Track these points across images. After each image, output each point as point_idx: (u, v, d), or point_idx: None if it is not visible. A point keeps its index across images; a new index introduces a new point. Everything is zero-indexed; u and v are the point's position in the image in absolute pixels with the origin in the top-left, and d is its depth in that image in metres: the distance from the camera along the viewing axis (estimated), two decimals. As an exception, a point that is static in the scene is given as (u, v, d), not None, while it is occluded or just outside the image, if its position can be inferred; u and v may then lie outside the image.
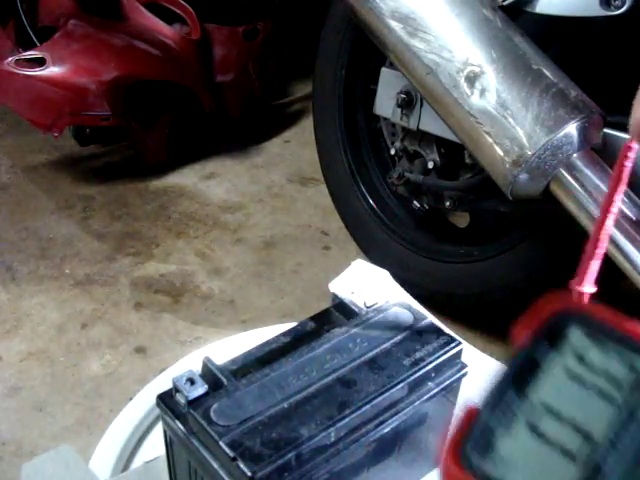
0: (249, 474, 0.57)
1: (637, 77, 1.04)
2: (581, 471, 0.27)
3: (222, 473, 0.59)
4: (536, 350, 0.30)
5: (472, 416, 0.29)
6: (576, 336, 0.30)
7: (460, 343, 0.72)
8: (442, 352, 0.70)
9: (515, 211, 1.18)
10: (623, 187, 0.34)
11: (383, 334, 0.72)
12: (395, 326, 0.73)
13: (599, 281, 0.44)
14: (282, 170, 1.92)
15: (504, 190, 0.95)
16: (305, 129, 2.06)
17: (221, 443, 0.59)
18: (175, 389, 0.64)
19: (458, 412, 0.25)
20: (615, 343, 0.29)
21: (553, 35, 1.07)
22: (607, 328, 0.29)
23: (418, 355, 0.69)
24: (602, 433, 0.27)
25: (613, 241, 0.87)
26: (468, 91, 0.94)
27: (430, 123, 1.21)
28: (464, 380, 0.72)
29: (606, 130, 0.95)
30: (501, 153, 0.92)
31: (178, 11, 1.88)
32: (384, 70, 1.30)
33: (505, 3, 1.00)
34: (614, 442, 0.27)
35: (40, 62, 1.64)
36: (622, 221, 0.86)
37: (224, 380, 0.66)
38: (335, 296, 0.78)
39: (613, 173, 0.30)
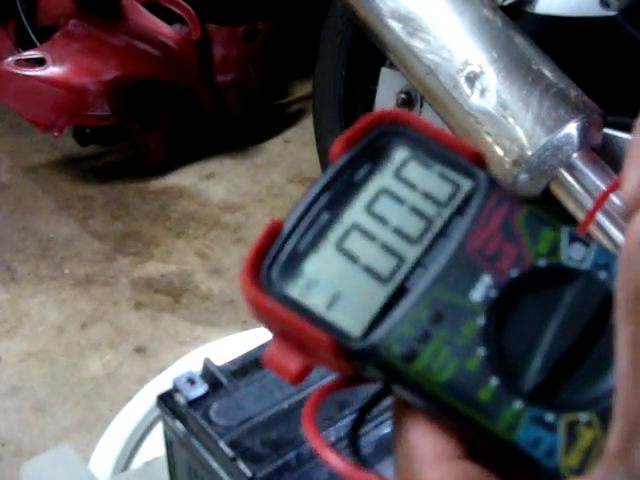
0: (249, 474, 0.57)
1: (637, 77, 1.04)
2: (385, 289, 0.26)
3: (222, 473, 0.59)
4: (353, 167, 0.27)
5: (274, 233, 0.27)
6: (396, 152, 0.28)
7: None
8: (442, 352, 0.70)
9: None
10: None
11: (383, 334, 0.72)
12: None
13: None
14: (282, 170, 1.92)
15: (504, 190, 0.95)
16: (305, 129, 2.06)
17: (221, 443, 0.59)
18: (175, 389, 0.64)
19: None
20: (437, 159, 0.27)
21: (553, 35, 1.07)
22: (430, 143, 0.28)
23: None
24: (410, 251, 0.26)
25: (613, 241, 0.87)
26: (468, 91, 0.94)
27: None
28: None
29: (606, 130, 0.95)
30: (501, 153, 0.92)
31: (178, 11, 1.88)
32: (384, 70, 1.30)
33: (505, 3, 1.00)
34: (421, 260, 0.26)
35: (40, 62, 1.64)
36: (622, 221, 0.86)
37: (224, 380, 0.66)
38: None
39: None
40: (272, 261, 0.27)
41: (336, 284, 0.26)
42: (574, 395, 0.24)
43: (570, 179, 0.90)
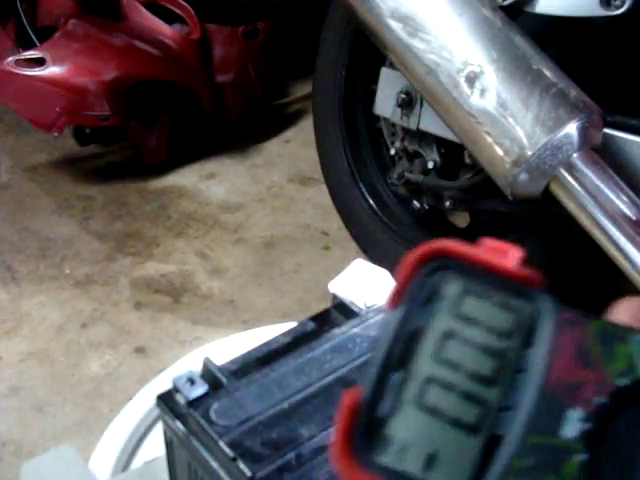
0: (249, 474, 0.57)
1: (637, 77, 1.04)
2: (478, 440, 0.25)
3: (222, 473, 0.59)
4: (411, 316, 0.27)
5: (356, 402, 0.26)
6: (450, 288, 0.27)
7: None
8: (442, 352, 0.70)
9: (515, 211, 1.18)
10: None
11: (383, 334, 0.72)
12: (395, 326, 0.73)
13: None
14: (282, 170, 1.91)
15: (504, 190, 0.96)
16: (305, 129, 2.06)
17: (221, 443, 0.59)
18: (175, 389, 0.64)
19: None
20: (491, 288, 0.27)
21: (553, 35, 1.07)
22: (480, 272, 0.27)
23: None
24: (491, 394, 0.26)
25: (613, 241, 0.87)
26: (468, 91, 0.94)
27: (430, 123, 1.21)
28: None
29: (606, 130, 0.95)
30: (501, 153, 0.92)
31: (178, 11, 1.88)
32: (384, 70, 1.30)
33: (505, 3, 1.00)
34: (504, 401, 0.25)
35: (40, 62, 1.64)
36: (622, 221, 0.86)
37: (224, 380, 0.66)
38: (335, 296, 0.78)
39: None
40: (360, 432, 0.26)
41: (427, 444, 0.25)
42: None
43: (570, 179, 0.90)
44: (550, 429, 0.25)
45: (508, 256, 0.28)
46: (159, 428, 0.76)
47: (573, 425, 0.25)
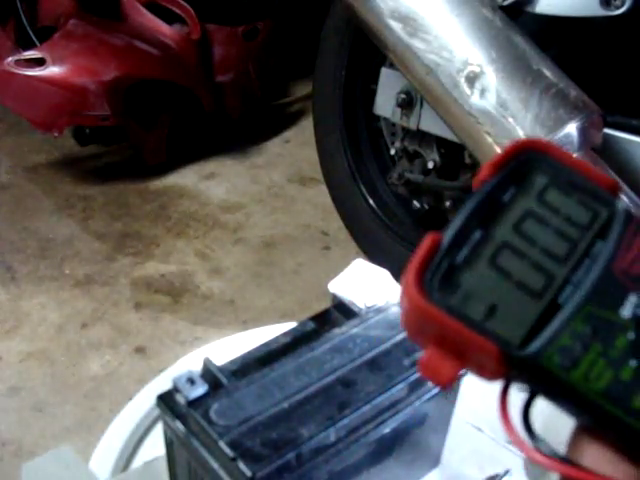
0: (249, 474, 0.57)
1: (637, 77, 1.04)
2: (539, 304, 0.28)
3: (222, 473, 0.59)
4: (500, 189, 0.30)
5: (434, 246, 0.29)
6: (540, 178, 0.30)
7: (460, 343, 0.72)
8: (442, 352, 0.70)
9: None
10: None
11: (383, 334, 0.72)
12: (395, 326, 0.73)
13: None
14: (282, 170, 1.92)
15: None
16: (305, 129, 2.06)
17: (221, 443, 0.59)
18: (175, 389, 0.64)
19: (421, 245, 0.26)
20: (576, 186, 0.30)
21: (553, 35, 1.07)
22: (569, 171, 0.30)
23: (418, 355, 0.69)
24: (559, 269, 0.29)
25: None
26: (468, 91, 0.94)
27: (430, 123, 1.21)
28: (464, 380, 0.72)
29: (606, 130, 0.95)
30: (501, 153, 0.92)
31: (178, 11, 1.88)
32: (384, 70, 1.30)
33: (505, 3, 1.00)
34: (570, 278, 0.29)
35: (40, 62, 1.64)
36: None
37: (224, 380, 0.66)
38: (335, 296, 0.78)
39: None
40: (432, 273, 0.29)
41: (492, 297, 0.28)
42: None
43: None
44: (611, 305, 0.28)
45: (592, 166, 0.32)
46: (159, 428, 0.76)
47: (631, 308, 0.28)
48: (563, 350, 0.27)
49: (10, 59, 1.63)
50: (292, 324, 0.76)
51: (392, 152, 1.35)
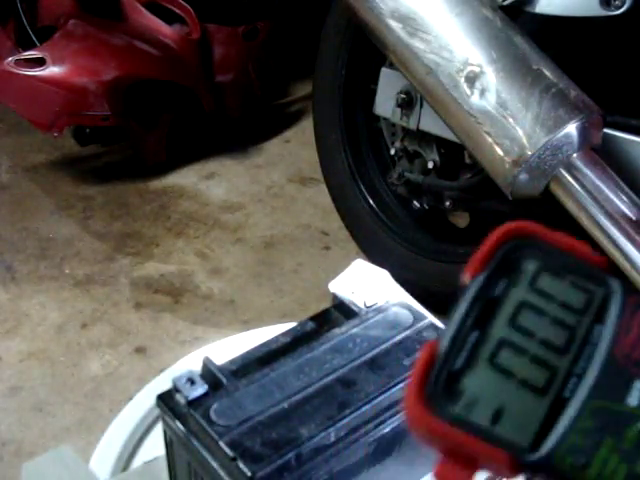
0: (249, 474, 0.57)
1: (637, 77, 1.04)
2: (545, 401, 0.27)
3: (222, 473, 0.59)
4: (490, 284, 0.30)
5: (432, 355, 0.29)
6: (529, 265, 0.30)
7: (460, 343, 0.72)
8: (442, 352, 0.70)
9: (515, 211, 1.18)
10: None
11: (383, 334, 0.72)
12: (395, 326, 0.73)
13: None
14: (282, 170, 1.91)
15: (504, 190, 0.95)
16: (305, 129, 2.06)
17: (221, 443, 0.59)
18: (175, 389, 0.64)
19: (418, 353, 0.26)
20: (567, 268, 0.30)
21: (553, 35, 1.07)
22: (558, 253, 0.30)
23: (418, 355, 0.69)
24: (560, 361, 0.28)
25: (613, 241, 0.87)
26: (468, 91, 0.94)
27: (430, 123, 1.21)
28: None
29: (606, 130, 0.95)
30: (501, 153, 0.92)
31: (178, 11, 1.88)
32: (384, 70, 1.30)
33: (505, 3, 1.00)
34: (572, 369, 0.28)
35: (40, 62, 1.64)
36: (622, 221, 0.86)
37: (224, 380, 0.66)
38: (335, 296, 0.78)
39: None
40: (433, 383, 0.28)
41: (496, 400, 0.28)
42: None
43: (570, 179, 0.90)
44: (616, 396, 0.27)
45: (581, 243, 0.31)
46: (159, 428, 0.76)
47: (638, 395, 0.27)
48: (574, 449, 0.27)
49: (10, 59, 1.63)
50: (292, 324, 0.76)
51: (392, 152, 1.35)
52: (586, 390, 0.27)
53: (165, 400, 0.65)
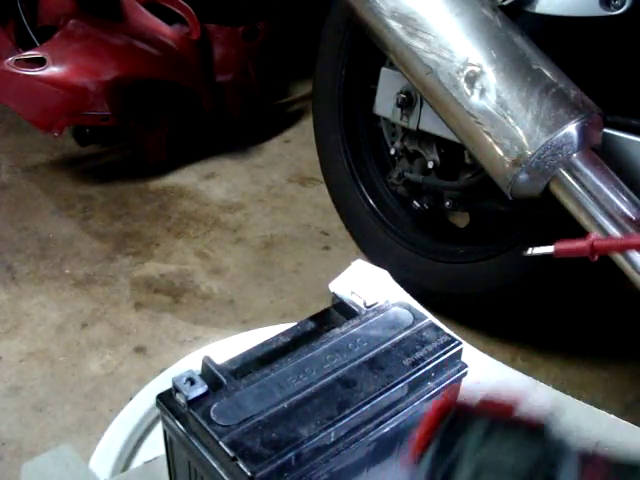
0: (249, 474, 0.57)
1: (637, 77, 1.04)
2: None
3: (222, 473, 0.59)
4: (438, 463, 0.32)
5: None
6: (468, 439, 0.32)
7: (460, 343, 0.72)
8: (442, 352, 0.70)
9: (515, 211, 1.18)
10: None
11: (383, 334, 0.72)
12: (395, 326, 0.73)
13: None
14: (282, 170, 1.92)
15: (504, 190, 0.95)
16: (305, 129, 2.06)
17: (221, 443, 0.59)
18: (175, 389, 0.64)
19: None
20: (504, 434, 0.32)
21: (553, 35, 1.07)
22: (494, 422, 0.32)
23: (418, 355, 0.69)
24: None
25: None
26: (468, 91, 0.94)
27: (430, 123, 1.21)
28: (464, 380, 0.72)
29: (606, 130, 0.95)
30: (501, 153, 0.92)
31: (178, 11, 1.88)
32: (384, 70, 1.30)
33: (505, 3, 1.00)
34: None
35: (40, 62, 1.64)
36: (622, 221, 0.86)
37: (224, 380, 0.66)
38: (335, 296, 0.78)
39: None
40: None
41: None
42: None
43: (570, 179, 0.90)
44: None
45: (511, 405, 0.33)
46: (159, 428, 0.76)
47: None
48: None
49: (10, 59, 1.63)
50: (292, 324, 0.76)
51: (392, 152, 1.35)
52: None
53: (165, 400, 0.65)
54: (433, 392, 0.69)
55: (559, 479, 0.30)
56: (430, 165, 1.26)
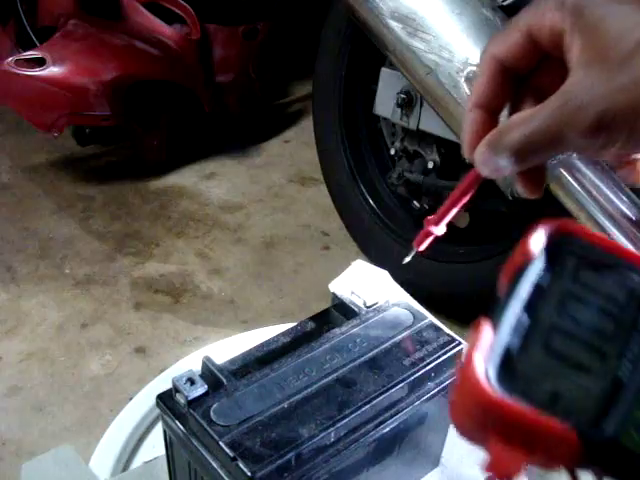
0: (249, 474, 0.57)
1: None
2: (601, 383, 0.28)
3: (222, 473, 0.59)
4: (537, 274, 0.31)
5: (489, 333, 0.29)
6: (571, 260, 0.31)
7: (460, 343, 0.72)
8: (442, 352, 0.70)
9: (515, 211, 1.18)
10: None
11: (383, 334, 0.72)
12: (395, 326, 0.73)
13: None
14: (282, 170, 1.92)
15: (504, 190, 0.95)
16: (305, 129, 2.06)
17: (221, 443, 0.59)
18: (175, 389, 0.64)
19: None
20: (609, 266, 0.31)
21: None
22: (601, 252, 0.31)
23: (418, 355, 0.69)
24: (611, 347, 0.29)
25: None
26: (468, 91, 0.94)
27: (430, 123, 1.21)
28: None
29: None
30: (501, 153, 0.92)
31: (178, 11, 1.88)
32: (384, 70, 1.30)
33: (505, 3, 1.01)
34: (625, 353, 0.29)
35: (40, 62, 1.64)
36: (622, 221, 0.86)
37: (224, 380, 0.66)
38: (335, 296, 0.78)
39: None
40: (491, 363, 0.29)
41: (553, 382, 0.28)
42: None
43: (570, 179, 0.90)
44: None
45: (618, 244, 0.33)
46: (159, 428, 0.76)
47: None
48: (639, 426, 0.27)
49: (10, 59, 1.63)
50: (292, 324, 0.76)
51: (392, 152, 1.35)
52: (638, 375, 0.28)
53: (165, 400, 0.65)
54: (433, 392, 0.69)
55: None
56: (430, 165, 1.26)
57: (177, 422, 0.63)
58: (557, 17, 0.33)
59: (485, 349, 0.29)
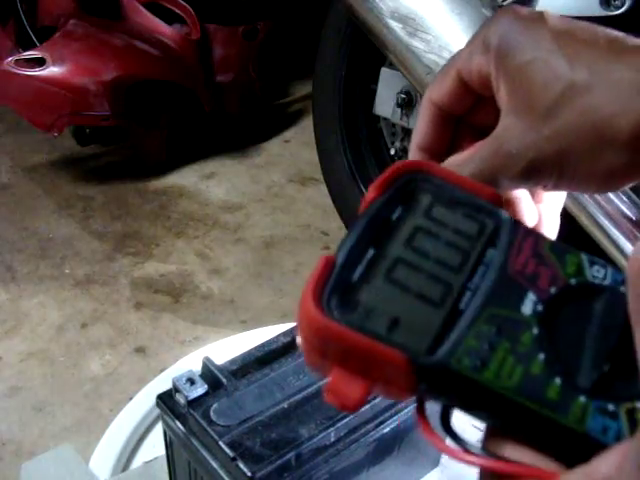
0: (249, 474, 0.57)
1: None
2: (440, 312, 0.28)
3: (222, 473, 0.59)
4: (387, 209, 0.31)
5: (329, 267, 0.29)
6: (425, 196, 0.32)
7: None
8: (442, 352, 0.70)
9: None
10: None
11: (383, 334, 0.72)
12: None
13: None
14: (282, 170, 1.92)
15: (504, 190, 0.95)
16: (305, 129, 2.06)
17: (221, 443, 0.59)
18: (175, 389, 0.64)
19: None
20: (460, 201, 0.31)
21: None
22: (452, 188, 0.32)
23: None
24: (455, 278, 0.29)
25: (613, 241, 0.87)
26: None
27: (430, 123, 1.21)
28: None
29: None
30: (501, 153, 0.92)
31: (178, 11, 1.88)
32: (384, 70, 1.30)
33: (505, 3, 1.01)
34: (467, 284, 0.29)
35: (40, 62, 1.64)
36: (622, 221, 0.86)
37: (224, 380, 0.66)
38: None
39: None
40: (330, 292, 0.29)
41: (392, 310, 0.29)
42: (627, 387, 0.27)
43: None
44: (511, 304, 0.29)
45: (471, 179, 0.33)
46: (159, 428, 0.76)
47: (531, 305, 0.29)
48: (471, 351, 0.27)
49: (10, 59, 1.63)
50: (292, 324, 0.76)
51: (392, 152, 1.35)
52: (481, 299, 0.29)
53: (165, 400, 0.65)
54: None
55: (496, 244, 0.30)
56: (430, 165, 1.26)
57: (177, 422, 0.63)
58: (482, 60, 0.33)
59: (325, 280, 0.29)
